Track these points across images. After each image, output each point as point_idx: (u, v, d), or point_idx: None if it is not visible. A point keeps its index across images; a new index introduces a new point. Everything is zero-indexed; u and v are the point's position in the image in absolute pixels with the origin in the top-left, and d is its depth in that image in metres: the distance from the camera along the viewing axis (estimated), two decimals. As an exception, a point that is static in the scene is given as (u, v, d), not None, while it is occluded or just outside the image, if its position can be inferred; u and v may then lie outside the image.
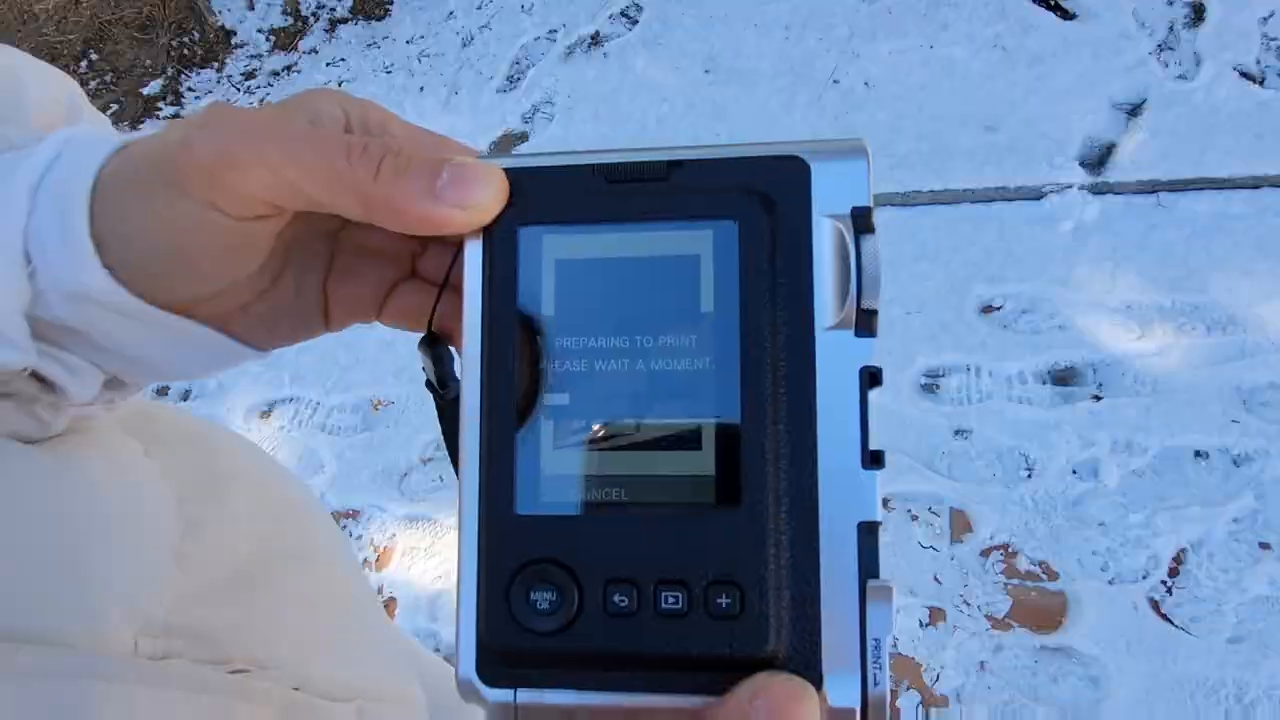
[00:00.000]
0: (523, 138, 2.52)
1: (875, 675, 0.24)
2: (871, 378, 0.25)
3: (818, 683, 0.24)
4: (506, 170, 0.26)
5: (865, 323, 0.25)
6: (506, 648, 0.25)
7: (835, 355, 0.25)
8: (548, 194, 0.26)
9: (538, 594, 0.25)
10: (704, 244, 0.25)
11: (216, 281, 0.28)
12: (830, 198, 0.25)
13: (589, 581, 0.25)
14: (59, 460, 0.31)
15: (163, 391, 2.24)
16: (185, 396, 2.24)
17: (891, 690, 0.25)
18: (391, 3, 2.88)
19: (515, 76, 2.64)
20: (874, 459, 0.24)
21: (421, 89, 2.69)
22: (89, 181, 0.26)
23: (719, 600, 0.24)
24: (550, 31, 2.69)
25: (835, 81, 2.50)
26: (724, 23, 2.61)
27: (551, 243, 0.26)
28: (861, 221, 0.25)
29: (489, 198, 0.26)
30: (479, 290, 0.26)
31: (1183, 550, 1.58)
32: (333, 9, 2.91)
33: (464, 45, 2.74)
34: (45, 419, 0.31)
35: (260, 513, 0.44)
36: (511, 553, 0.25)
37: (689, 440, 0.25)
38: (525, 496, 0.25)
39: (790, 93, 2.49)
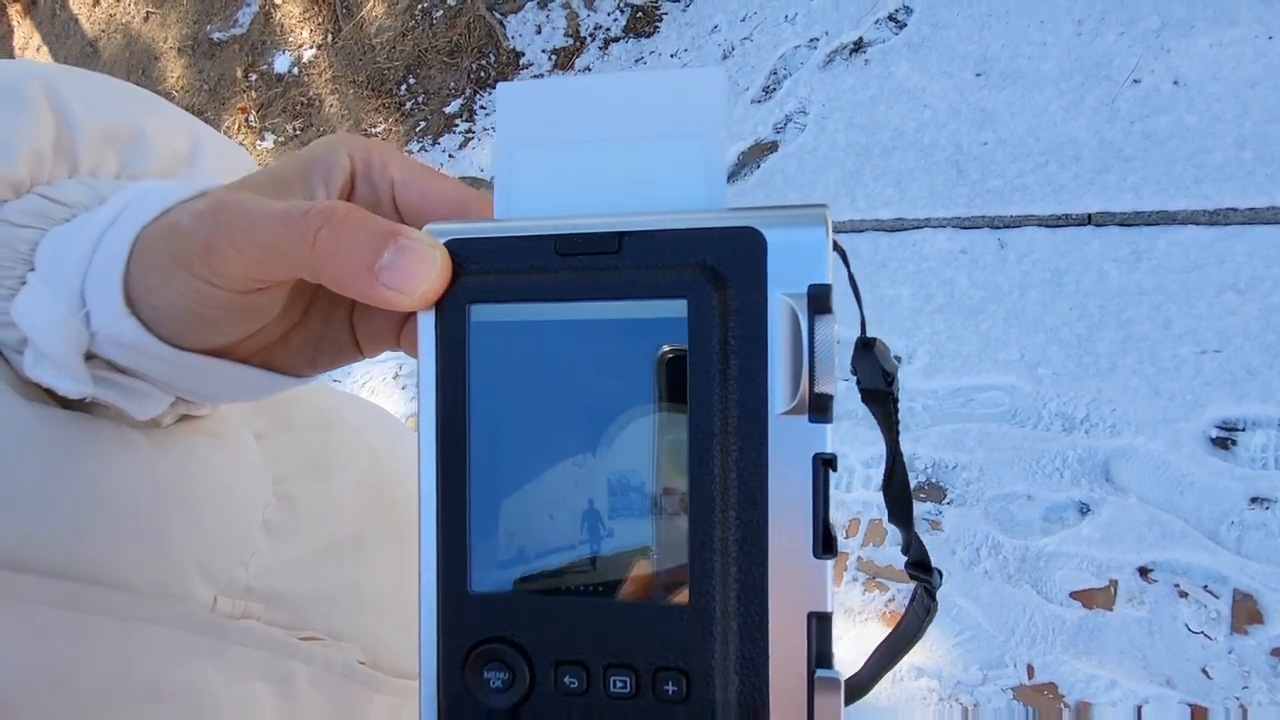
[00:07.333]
0: (772, 148, 2.49)
1: None
2: (826, 464, 0.24)
3: None
4: (458, 240, 0.27)
5: (819, 407, 0.24)
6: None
7: (788, 442, 0.24)
8: (498, 267, 0.26)
9: (491, 672, 0.26)
10: (654, 324, 0.25)
11: (240, 333, 0.30)
12: (786, 273, 0.25)
13: (540, 661, 0.25)
14: (155, 444, 0.34)
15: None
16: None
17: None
18: (660, 20, 2.99)
19: (771, 87, 2.62)
20: (826, 547, 0.24)
21: (680, 101, 2.76)
22: (127, 245, 0.29)
23: (666, 686, 0.24)
24: (811, 40, 2.63)
25: (1135, 81, 2.17)
26: (1003, 20, 2.38)
27: (501, 320, 0.26)
28: (818, 301, 0.24)
29: (430, 282, 0.26)
30: (432, 366, 0.27)
31: None
32: (608, 29, 3.08)
33: (724, 57, 2.77)
34: (136, 420, 0.34)
35: (369, 493, 0.46)
36: (467, 630, 0.26)
37: (640, 526, 0.25)
38: (480, 575, 0.26)
39: (1077, 95, 2.20)
